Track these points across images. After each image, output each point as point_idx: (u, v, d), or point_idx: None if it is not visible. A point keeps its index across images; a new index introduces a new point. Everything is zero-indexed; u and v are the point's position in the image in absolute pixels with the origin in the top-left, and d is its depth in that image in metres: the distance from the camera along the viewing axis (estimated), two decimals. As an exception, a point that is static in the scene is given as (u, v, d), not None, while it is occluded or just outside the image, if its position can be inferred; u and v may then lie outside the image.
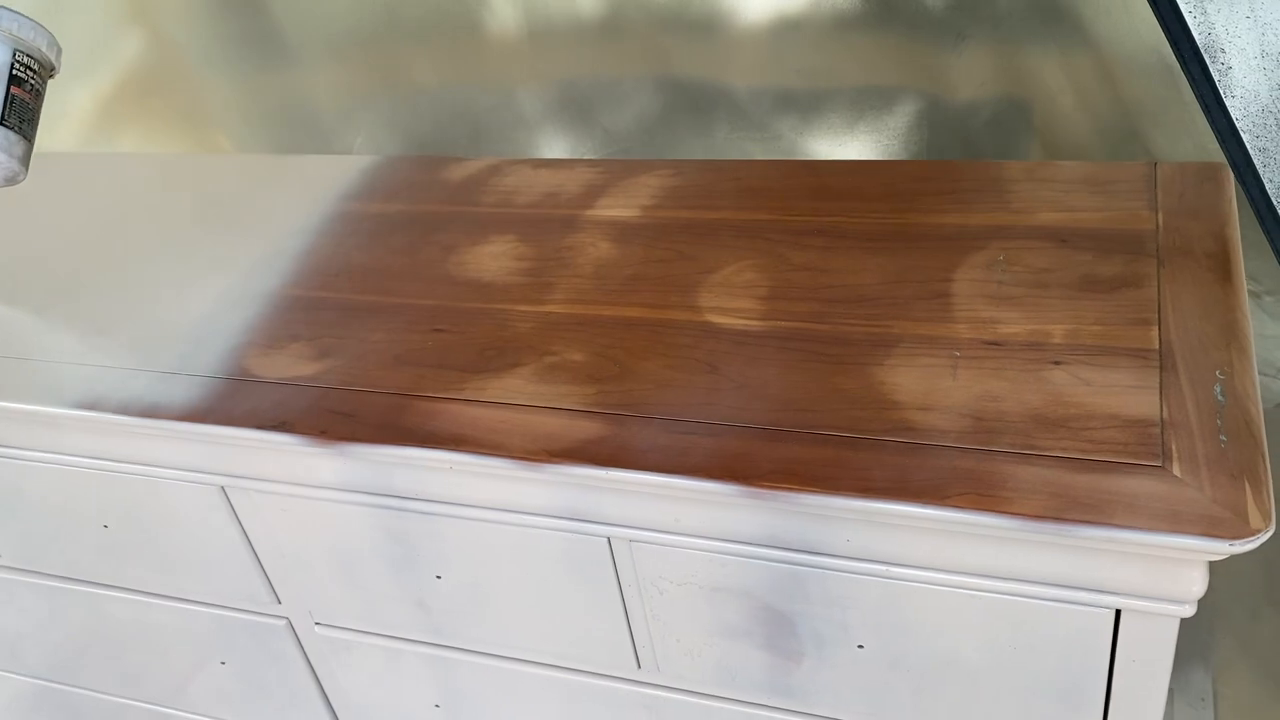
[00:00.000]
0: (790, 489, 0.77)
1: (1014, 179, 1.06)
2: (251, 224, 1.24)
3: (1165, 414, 0.77)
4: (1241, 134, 0.59)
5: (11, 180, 0.88)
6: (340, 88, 1.74)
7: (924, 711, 0.90)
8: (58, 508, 1.13)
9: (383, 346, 0.99)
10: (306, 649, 1.17)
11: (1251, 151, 0.59)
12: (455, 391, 0.92)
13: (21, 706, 1.51)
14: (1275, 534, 0.70)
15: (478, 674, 1.09)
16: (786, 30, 1.47)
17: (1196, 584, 0.73)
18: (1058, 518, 0.71)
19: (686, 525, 0.86)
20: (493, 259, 1.09)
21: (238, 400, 0.96)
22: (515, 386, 0.91)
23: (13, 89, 0.82)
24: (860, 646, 0.88)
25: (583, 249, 1.07)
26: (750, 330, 0.93)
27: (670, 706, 1.02)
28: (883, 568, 0.82)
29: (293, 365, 0.99)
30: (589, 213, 1.13)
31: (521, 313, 1.00)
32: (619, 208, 1.13)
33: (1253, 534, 0.68)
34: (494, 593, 1.00)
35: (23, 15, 0.86)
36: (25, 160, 0.87)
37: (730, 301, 0.97)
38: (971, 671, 0.86)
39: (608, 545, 0.91)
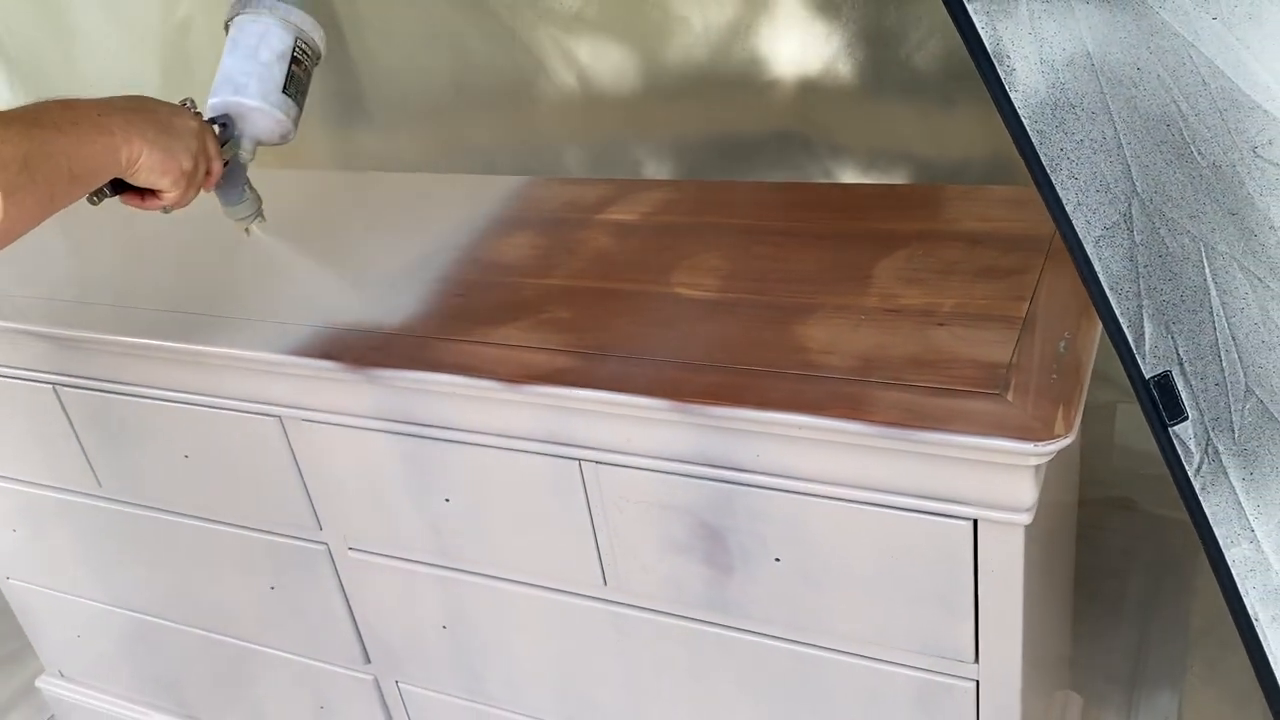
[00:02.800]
0: (706, 403, 0.97)
1: (951, 198, 1.26)
2: (322, 224, 1.50)
3: (1014, 359, 0.96)
4: (1023, 120, 0.79)
5: (285, 138, 1.10)
6: (414, 141, 2.03)
7: (834, 622, 1.07)
8: (151, 439, 1.38)
9: (415, 306, 1.23)
10: (340, 572, 1.39)
11: (1031, 133, 0.79)
12: (465, 335, 1.14)
13: (112, 637, 1.75)
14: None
15: (478, 594, 1.29)
16: (801, 94, 1.70)
17: (1027, 492, 0.91)
18: (904, 424, 0.90)
19: (637, 445, 1.06)
20: (512, 248, 1.32)
21: (295, 340, 1.20)
22: (512, 334, 1.14)
23: (293, 67, 1.07)
24: (777, 560, 1.06)
25: (586, 241, 1.30)
26: (705, 299, 1.14)
27: (630, 623, 1.20)
28: (788, 482, 1.01)
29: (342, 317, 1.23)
30: (597, 216, 1.36)
31: (528, 284, 1.23)
32: (622, 213, 1.35)
33: (1054, 438, 0.86)
34: (491, 515, 1.20)
35: (302, 10, 1.09)
36: (297, 123, 1.10)
37: (695, 279, 1.18)
38: (866, 582, 1.03)
39: (578, 468, 1.11)
